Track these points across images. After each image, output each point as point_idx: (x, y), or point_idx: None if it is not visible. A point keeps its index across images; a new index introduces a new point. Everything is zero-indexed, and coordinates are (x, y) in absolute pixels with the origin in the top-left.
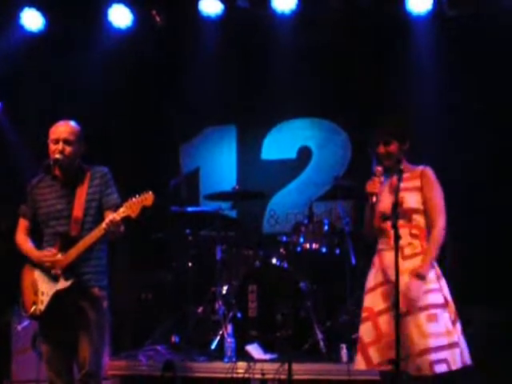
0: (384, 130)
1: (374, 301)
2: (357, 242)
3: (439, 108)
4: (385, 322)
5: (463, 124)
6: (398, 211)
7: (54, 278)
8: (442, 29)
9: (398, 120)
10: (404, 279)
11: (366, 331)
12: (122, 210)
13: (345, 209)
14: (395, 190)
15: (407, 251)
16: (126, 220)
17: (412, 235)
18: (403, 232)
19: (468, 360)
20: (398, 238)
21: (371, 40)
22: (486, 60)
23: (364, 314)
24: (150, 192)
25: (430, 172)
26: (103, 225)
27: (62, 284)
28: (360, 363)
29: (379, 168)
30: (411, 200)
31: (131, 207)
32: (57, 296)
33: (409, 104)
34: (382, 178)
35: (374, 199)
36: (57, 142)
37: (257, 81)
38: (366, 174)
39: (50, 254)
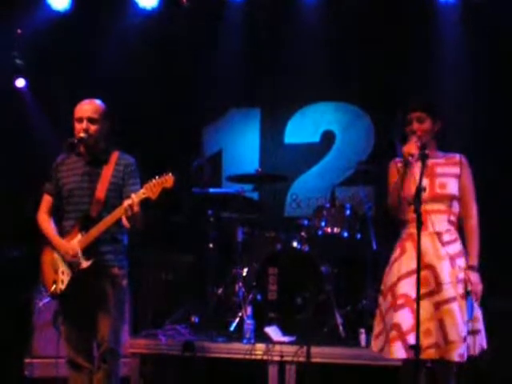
0: (418, 105)
1: (410, 287)
2: (378, 227)
3: (467, 95)
4: (423, 308)
5: (492, 111)
6: (421, 197)
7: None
8: (469, 15)
9: (430, 99)
10: (444, 265)
11: (403, 319)
12: (142, 191)
13: (367, 194)
14: (420, 176)
15: (446, 237)
16: (145, 202)
17: (450, 222)
18: (441, 218)
19: (485, 345)
20: (420, 223)
21: (397, 25)
22: None
23: (400, 301)
24: (170, 174)
25: (466, 160)
26: (124, 204)
27: (83, 263)
28: (399, 352)
29: (415, 138)
30: (452, 186)
31: (151, 189)
32: (77, 275)
33: (435, 90)
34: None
35: (411, 159)
36: (81, 120)
37: (281, 64)
38: (389, 159)
39: (72, 250)
